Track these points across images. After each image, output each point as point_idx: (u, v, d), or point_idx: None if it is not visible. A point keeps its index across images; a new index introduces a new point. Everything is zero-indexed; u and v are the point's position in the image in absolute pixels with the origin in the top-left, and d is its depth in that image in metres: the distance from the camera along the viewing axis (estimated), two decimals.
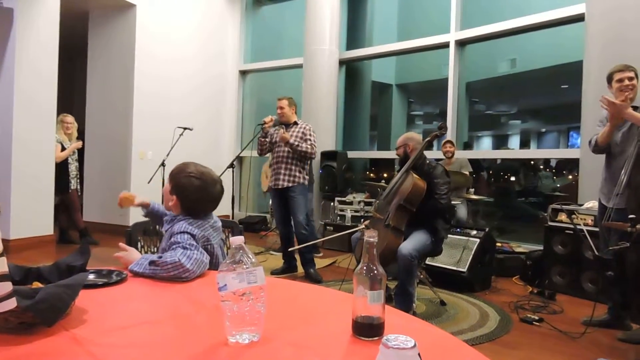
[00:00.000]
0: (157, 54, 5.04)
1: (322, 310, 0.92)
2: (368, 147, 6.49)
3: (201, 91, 5.63)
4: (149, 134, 4.89)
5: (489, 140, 9.70)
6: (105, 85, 5.06)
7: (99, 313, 0.85)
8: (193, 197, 1.28)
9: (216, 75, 5.89)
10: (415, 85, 7.65)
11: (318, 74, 4.96)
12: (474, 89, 6.49)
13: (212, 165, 1.38)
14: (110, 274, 1.06)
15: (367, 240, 0.77)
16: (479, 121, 8.20)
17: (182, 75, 5.35)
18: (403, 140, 2.46)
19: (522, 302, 2.70)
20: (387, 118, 7.43)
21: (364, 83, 6.07)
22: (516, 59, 6.29)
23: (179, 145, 3.90)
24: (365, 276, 0.74)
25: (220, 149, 5.92)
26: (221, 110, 6.01)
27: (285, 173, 3.13)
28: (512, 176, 6.00)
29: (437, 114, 8.81)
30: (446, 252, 2.94)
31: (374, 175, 6.52)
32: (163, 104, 5.09)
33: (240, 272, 0.73)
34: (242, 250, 0.76)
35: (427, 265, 2.98)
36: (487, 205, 4.99)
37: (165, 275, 1.08)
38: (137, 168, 4.80)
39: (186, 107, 5.33)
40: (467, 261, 2.95)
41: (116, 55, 4.98)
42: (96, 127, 5.09)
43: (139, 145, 4.87)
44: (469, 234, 3.09)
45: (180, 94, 5.31)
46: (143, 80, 4.90)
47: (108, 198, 4.88)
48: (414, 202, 2.26)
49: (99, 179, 4.95)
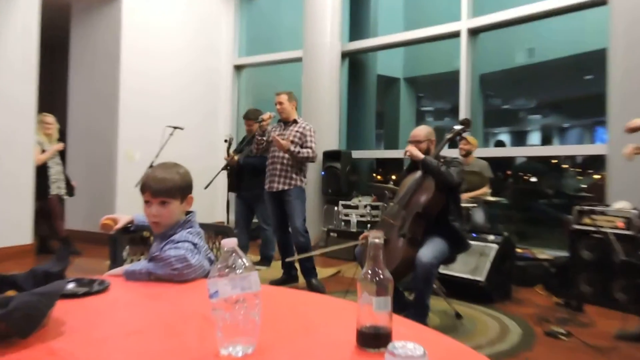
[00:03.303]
0: (145, 47, 5.07)
1: (324, 319, 0.92)
2: (374, 146, 6.49)
3: (193, 87, 5.65)
4: (136, 134, 4.91)
5: (506, 137, 9.69)
6: (89, 82, 5.09)
7: (79, 324, 0.84)
8: (191, 192, 1.30)
9: (209, 70, 5.91)
10: (424, 79, 7.66)
11: (319, 67, 4.98)
12: (488, 82, 6.48)
13: (205, 167, 1.37)
14: (91, 283, 1.06)
15: (372, 242, 0.76)
16: (495, 117, 8.19)
17: (172, 70, 5.38)
18: (427, 135, 2.39)
19: (546, 313, 2.68)
20: (395, 115, 7.44)
21: (368, 77, 6.08)
22: (534, 48, 6.29)
23: (169, 146, 3.91)
24: (370, 281, 0.73)
25: (214, 149, 5.92)
26: (215, 107, 6.03)
27: (281, 175, 3.13)
28: (532, 176, 5.97)
29: (449, 109, 8.82)
30: (461, 259, 2.91)
31: (381, 176, 6.52)
32: (152, 101, 5.11)
33: (233, 278, 0.73)
34: (235, 253, 0.76)
35: (440, 274, 2.96)
36: (506, 208, 4.95)
37: (166, 271, 1.10)
38: (124, 170, 4.81)
39: (177, 105, 5.35)
40: (485, 269, 2.93)
41: (101, 49, 5.01)
42: (79, 127, 5.12)
43: (126, 146, 4.89)
44: (486, 239, 3.07)
45: (170, 91, 5.33)
46: (130, 76, 4.92)
47: (92, 204, 4.89)
48: (434, 211, 2.24)
49: (83, 183, 4.96)
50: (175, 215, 1.26)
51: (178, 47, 5.48)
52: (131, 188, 3.96)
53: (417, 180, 2.32)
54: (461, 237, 2.31)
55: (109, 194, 4.83)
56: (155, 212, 1.25)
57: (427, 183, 2.26)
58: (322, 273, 3.49)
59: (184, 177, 1.29)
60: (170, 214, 1.25)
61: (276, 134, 3.21)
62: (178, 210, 1.27)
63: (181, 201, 1.28)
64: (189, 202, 1.30)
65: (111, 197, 4.82)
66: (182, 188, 1.27)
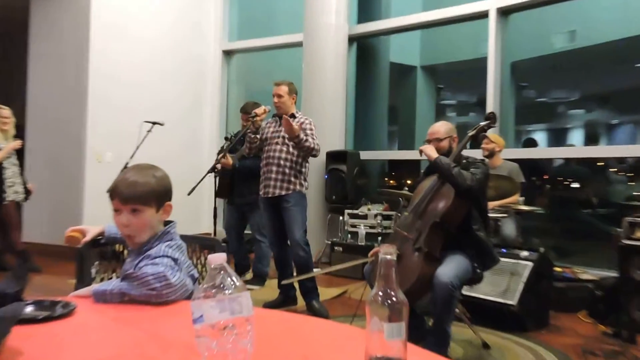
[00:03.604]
0: (118, 29, 5.11)
1: (327, 348, 0.92)
2: (386, 146, 6.51)
3: (175, 76, 5.69)
4: (108, 129, 4.94)
5: (543, 136, 9.69)
6: (52, 69, 5.13)
7: (39, 353, 0.85)
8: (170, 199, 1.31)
9: (194, 56, 5.95)
10: (445, 67, 7.69)
11: (322, 54, 5.00)
12: (521, 71, 6.50)
13: (189, 170, 1.38)
14: (53, 306, 1.06)
15: (383, 258, 0.76)
16: (530, 111, 8.19)
17: (151, 56, 5.42)
18: (448, 131, 2.40)
19: (591, 345, 2.66)
20: (411, 109, 7.46)
21: (380, 65, 6.11)
22: (576, 31, 6.30)
23: (147, 145, 3.93)
24: (382, 304, 0.73)
25: (200, 149, 5.95)
26: (200, 100, 6.06)
27: (277, 178, 3.15)
28: (574, 181, 5.95)
29: (475, 103, 8.83)
30: (489, 279, 2.91)
31: (394, 181, 6.53)
32: (127, 92, 5.14)
33: (221, 300, 0.73)
34: (224, 271, 0.76)
35: (463, 296, 2.94)
36: (542, 219, 4.95)
37: (143, 291, 1.10)
38: (93, 173, 4.84)
39: (156, 96, 5.39)
40: (517, 291, 2.92)
41: (66, 31, 5.05)
42: (40, 121, 5.15)
43: (96, 144, 4.91)
44: (519, 255, 3.06)
45: (148, 80, 5.37)
46: (101, 62, 4.96)
47: (55, 212, 4.91)
48: (455, 220, 2.24)
49: (44, 187, 4.97)
50: (149, 226, 1.27)
51: (158, 29, 5.52)
52: (102, 193, 3.97)
53: (434, 185, 2.32)
54: (487, 250, 2.30)
55: (76, 200, 4.85)
56: (125, 221, 1.25)
57: (447, 187, 2.26)
58: (325, 294, 3.49)
59: (161, 181, 1.30)
60: (143, 223, 1.26)
61: (270, 131, 3.23)
62: (153, 220, 1.28)
63: (157, 209, 1.28)
64: (166, 210, 1.31)
65: (78, 204, 4.83)
66: (158, 194, 1.28)
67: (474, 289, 2.97)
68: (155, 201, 1.27)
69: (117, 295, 1.13)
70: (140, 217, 1.25)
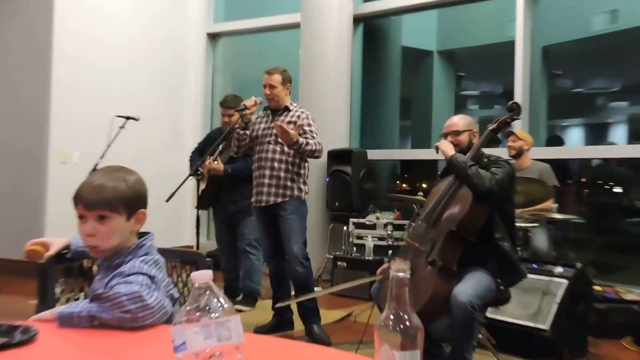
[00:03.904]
0: (87, 7, 5.12)
1: None
2: (397, 144, 6.51)
3: (152, 63, 5.70)
4: (75, 125, 4.94)
5: (579, 132, 9.69)
6: (7, 54, 5.13)
7: None
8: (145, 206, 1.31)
9: (174, 39, 5.97)
10: (466, 53, 7.70)
11: (323, 37, 5.02)
12: (555, 57, 6.50)
13: (169, 171, 1.39)
14: (11, 331, 1.07)
15: (395, 276, 0.77)
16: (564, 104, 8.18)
17: (125, 39, 5.43)
18: (467, 124, 2.43)
19: None
20: (426, 101, 7.47)
21: (391, 50, 6.12)
22: (618, 10, 6.30)
23: (119, 143, 3.94)
24: (393, 329, 0.74)
25: (180, 147, 5.94)
26: (181, 90, 6.08)
27: (271, 183, 3.14)
28: (616, 185, 5.95)
29: (500, 94, 8.84)
30: (517, 299, 2.90)
31: (406, 185, 6.53)
32: (96, 82, 5.15)
33: (206, 324, 0.74)
34: (210, 291, 0.76)
35: (487, 319, 2.94)
36: (579, 230, 4.95)
37: (115, 314, 1.10)
38: (58, 177, 4.83)
39: (130, 87, 5.40)
40: (550, 314, 2.91)
41: (24, 9, 5.06)
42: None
43: (61, 143, 4.91)
44: (552, 272, 3.06)
45: (121, 67, 5.39)
46: (66, 46, 4.97)
47: (13, 222, 4.90)
48: (474, 227, 2.24)
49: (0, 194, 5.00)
50: (117, 236, 1.28)
51: (133, 8, 5.53)
52: (68, 200, 3.96)
53: (450, 187, 2.32)
54: (512, 263, 2.31)
55: (37, 208, 4.85)
56: (91, 230, 1.26)
57: (464, 190, 2.27)
58: (326, 317, 3.48)
59: (134, 185, 1.31)
60: (109, 232, 1.27)
61: (261, 127, 3.23)
62: (123, 230, 1.29)
63: (128, 217, 1.29)
64: (139, 219, 1.32)
65: (40, 213, 4.83)
66: (128, 200, 1.29)
67: (499, 311, 2.97)
68: (125, 208, 1.28)
69: (86, 318, 1.14)
70: (107, 224, 1.26)
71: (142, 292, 1.13)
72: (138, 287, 1.14)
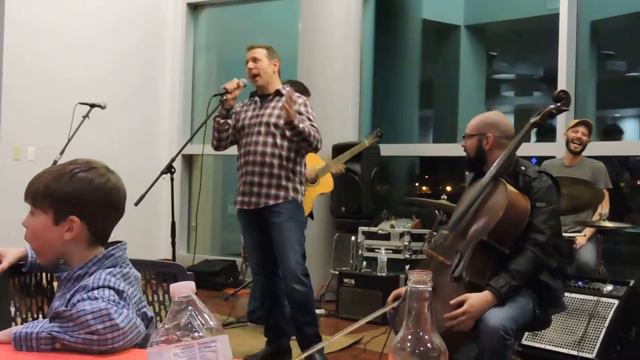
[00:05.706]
0: None
1: None
2: (417, 138, 6.50)
3: (121, 39, 5.71)
4: (29, 117, 4.95)
5: (634, 124, 9.65)
6: None
7: None
8: (100, 214, 1.33)
9: (147, 10, 5.98)
10: (500, 28, 7.68)
11: (327, 9, 5.00)
12: (606, 34, 6.49)
13: (140, 168, 1.40)
14: None
15: (414, 290, 0.78)
16: (617, 90, 8.17)
17: (89, 10, 5.43)
18: (479, 126, 2.45)
19: None
20: (451, 86, 7.44)
21: (409, 25, 6.11)
22: None
23: (82, 135, 3.95)
24: (411, 354, 0.75)
25: (154, 140, 5.96)
26: (156, 71, 6.08)
27: (262, 182, 3.14)
28: None
29: (540, 77, 8.83)
30: (558, 323, 2.92)
31: (427, 187, 6.51)
32: (55, 61, 5.15)
33: (188, 346, 0.75)
34: (192, 306, 0.78)
35: (521, 345, 2.95)
36: (633, 242, 4.93)
37: (80, 336, 1.11)
38: (10, 175, 4.84)
39: (95, 69, 5.40)
40: (597, 340, 2.92)
41: None
42: None
43: (13, 136, 4.93)
44: (600, 290, 3.07)
45: (84, 43, 5.39)
46: (17, 20, 4.96)
47: None
48: (509, 236, 2.25)
49: None
50: (41, 240, 1.33)
51: None
52: (20, 203, 3.97)
53: (481, 192, 2.33)
54: (550, 290, 2.31)
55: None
56: (24, 222, 1.34)
57: (499, 193, 2.28)
58: (330, 344, 3.47)
59: (71, 181, 1.30)
60: (31, 232, 1.33)
61: (248, 116, 3.22)
62: (48, 233, 1.31)
63: (54, 220, 1.30)
64: (70, 227, 1.30)
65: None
66: (56, 197, 1.29)
67: (537, 337, 2.98)
68: (51, 206, 1.30)
69: (46, 340, 1.14)
70: (31, 221, 1.32)
71: (110, 310, 1.14)
72: (105, 303, 1.16)
